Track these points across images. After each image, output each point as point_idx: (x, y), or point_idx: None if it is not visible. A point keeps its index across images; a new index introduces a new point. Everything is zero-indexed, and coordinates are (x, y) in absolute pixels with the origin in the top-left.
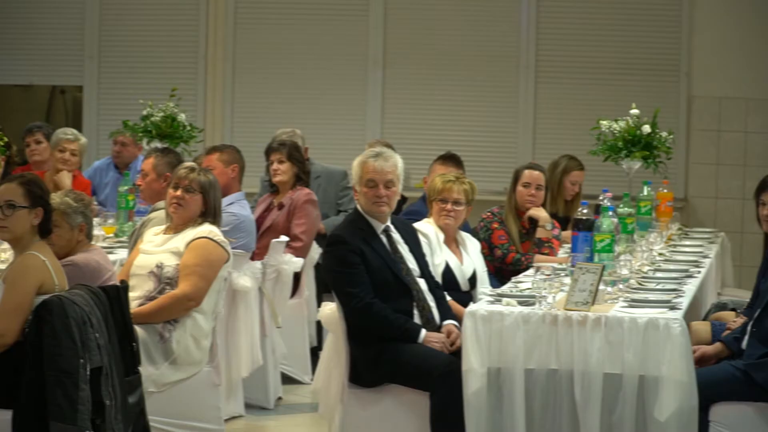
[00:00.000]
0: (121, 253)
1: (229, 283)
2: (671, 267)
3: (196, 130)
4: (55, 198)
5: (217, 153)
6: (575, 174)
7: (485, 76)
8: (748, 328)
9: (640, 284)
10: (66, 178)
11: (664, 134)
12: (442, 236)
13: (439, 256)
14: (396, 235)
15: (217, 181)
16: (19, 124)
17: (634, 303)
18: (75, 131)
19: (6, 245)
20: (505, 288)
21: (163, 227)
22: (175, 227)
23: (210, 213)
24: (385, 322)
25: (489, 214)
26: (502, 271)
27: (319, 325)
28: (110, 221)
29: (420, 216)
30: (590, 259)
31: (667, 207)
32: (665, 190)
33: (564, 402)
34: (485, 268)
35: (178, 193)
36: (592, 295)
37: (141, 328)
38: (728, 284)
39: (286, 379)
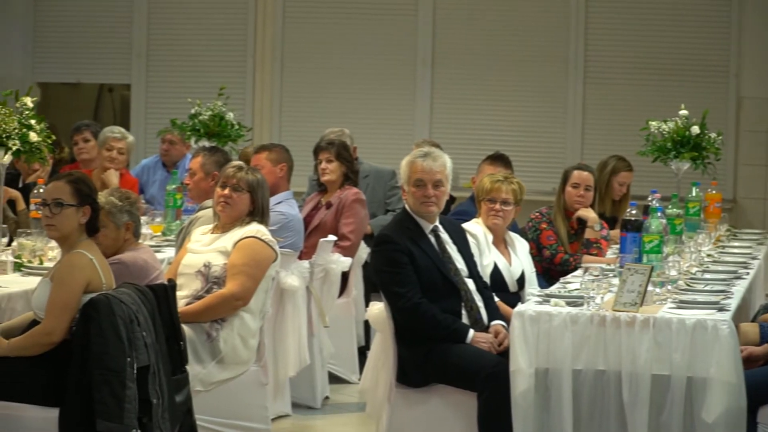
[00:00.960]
0: (169, 252)
1: (276, 283)
2: (720, 268)
3: (244, 129)
4: (100, 197)
5: (265, 152)
6: (623, 174)
7: (534, 76)
8: None
9: (688, 285)
10: (113, 177)
11: (713, 135)
12: (490, 237)
13: (488, 257)
14: (444, 235)
15: (265, 180)
16: (67, 123)
17: (683, 304)
18: (122, 129)
19: (54, 243)
20: (554, 288)
21: (210, 226)
22: (223, 226)
23: (258, 212)
24: (433, 322)
25: (537, 214)
26: (550, 271)
27: (366, 325)
28: (158, 220)
29: (468, 216)
30: (639, 260)
31: (715, 208)
32: (714, 191)
33: (612, 403)
34: (533, 269)
35: (226, 191)
36: (640, 296)
37: (188, 327)
38: None
39: (334, 379)
